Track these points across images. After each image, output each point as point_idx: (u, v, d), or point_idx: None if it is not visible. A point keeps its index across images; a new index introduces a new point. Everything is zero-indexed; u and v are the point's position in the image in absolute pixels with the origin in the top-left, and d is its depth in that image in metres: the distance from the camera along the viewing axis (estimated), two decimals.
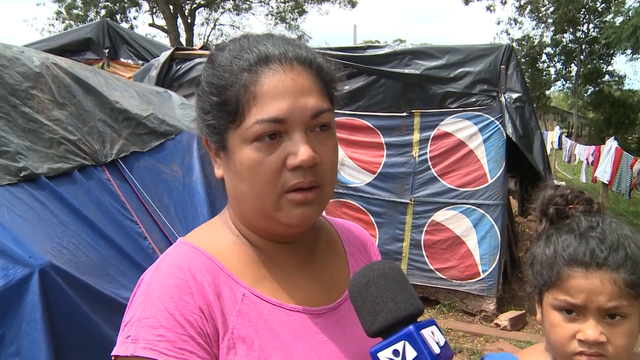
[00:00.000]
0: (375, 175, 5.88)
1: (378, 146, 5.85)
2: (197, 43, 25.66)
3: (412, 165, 5.74)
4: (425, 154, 5.69)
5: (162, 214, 2.96)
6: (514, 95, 5.42)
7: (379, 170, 5.87)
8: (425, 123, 5.69)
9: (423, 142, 5.70)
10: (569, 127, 32.77)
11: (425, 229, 5.72)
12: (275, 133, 0.87)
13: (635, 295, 1.02)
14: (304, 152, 0.86)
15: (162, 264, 0.91)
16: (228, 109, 0.89)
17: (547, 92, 33.79)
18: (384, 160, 5.84)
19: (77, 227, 2.41)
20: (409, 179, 5.76)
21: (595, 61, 29.00)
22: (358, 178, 5.94)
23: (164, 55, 6.28)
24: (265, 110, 0.86)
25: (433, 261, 5.70)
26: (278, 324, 0.91)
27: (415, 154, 5.73)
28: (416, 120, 5.72)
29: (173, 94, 4.00)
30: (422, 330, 0.78)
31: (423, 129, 5.69)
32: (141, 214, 2.88)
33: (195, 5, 28.03)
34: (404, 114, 5.75)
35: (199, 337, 0.84)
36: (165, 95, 3.89)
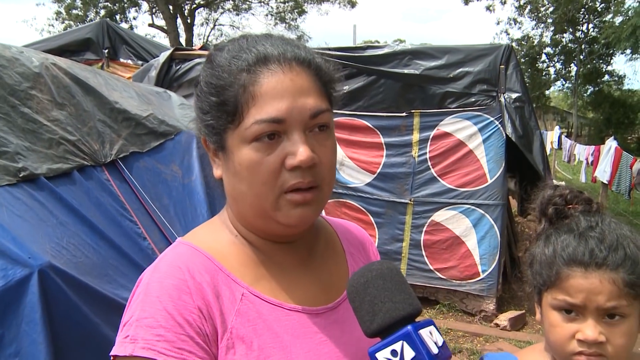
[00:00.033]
0: (375, 175, 5.88)
1: (378, 146, 5.85)
2: (197, 43, 25.65)
3: (412, 165, 5.74)
4: (425, 154, 5.69)
5: (162, 214, 2.95)
6: (514, 95, 5.42)
7: (378, 171, 5.87)
8: (424, 123, 5.68)
9: (423, 142, 5.69)
10: (568, 127, 32.77)
11: (424, 229, 5.72)
12: (274, 133, 0.87)
13: (635, 295, 1.02)
14: (302, 153, 0.86)
15: (161, 263, 0.91)
16: (227, 109, 0.89)
17: (547, 92, 33.81)
18: (383, 160, 5.84)
19: (77, 228, 2.40)
20: (409, 179, 5.76)
21: (594, 61, 29.02)
22: (358, 178, 5.93)
23: (164, 56, 6.28)
24: (264, 111, 0.86)
25: (433, 261, 5.70)
26: (277, 324, 0.91)
27: (415, 154, 5.72)
28: (416, 121, 5.72)
29: (172, 94, 3.99)
30: (420, 331, 0.78)
31: (422, 129, 5.69)
32: (140, 214, 2.87)
33: (194, 6, 28.03)
34: (404, 114, 5.75)
35: (197, 337, 0.83)
36: (164, 95, 3.88)
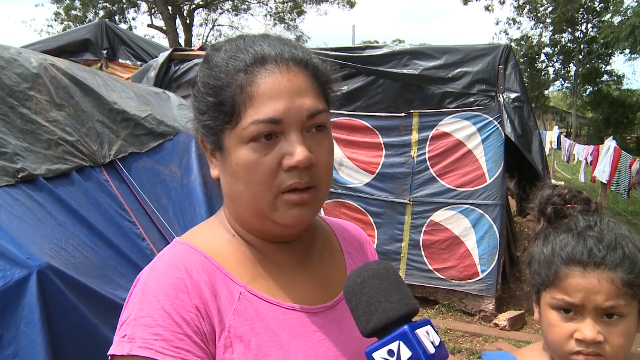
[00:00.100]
0: (374, 175, 5.88)
1: (376, 146, 5.85)
2: (196, 44, 25.69)
3: (411, 165, 5.74)
4: (424, 154, 5.69)
5: (161, 214, 2.95)
6: (513, 95, 5.42)
7: (377, 171, 5.86)
8: (423, 123, 5.68)
9: (421, 142, 5.69)
10: (567, 127, 32.82)
11: (424, 229, 5.72)
12: (272, 133, 0.87)
13: (633, 294, 1.02)
14: (300, 153, 0.86)
15: (158, 263, 0.91)
16: (224, 109, 0.89)
17: (546, 92, 33.86)
18: (382, 160, 5.84)
19: (75, 228, 2.40)
20: (408, 179, 5.76)
21: (593, 61, 29.08)
22: (357, 178, 5.93)
23: (163, 56, 6.27)
24: (261, 111, 0.86)
25: (432, 261, 5.70)
26: (275, 323, 0.91)
27: (414, 154, 5.72)
28: (415, 121, 5.71)
29: (171, 95, 3.99)
30: (417, 330, 0.78)
31: (421, 129, 5.69)
32: (139, 215, 2.87)
33: (193, 6, 28.04)
34: (403, 114, 5.74)
35: (195, 336, 0.84)
36: (163, 96, 3.88)
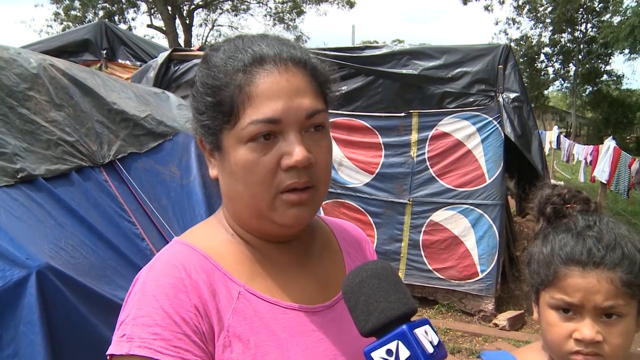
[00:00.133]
0: (374, 175, 5.88)
1: (376, 146, 5.85)
2: (195, 44, 25.69)
3: (410, 165, 5.74)
4: (424, 154, 5.69)
5: (160, 215, 2.95)
6: (512, 95, 5.42)
7: (377, 171, 5.86)
8: (423, 123, 5.68)
9: (421, 142, 5.69)
10: (567, 127, 32.81)
11: (423, 229, 5.72)
12: (270, 133, 0.87)
13: (632, 294, 1.02)
14: (298, 153, 0.86)
15: (157, 262, 0.91)
16: (223, 109, 0.89)
17: (546, 92, 33.87)
18: (382, 160, 5.84)
19: (75, 229, 2.40)
20: (407, 179, 5.76)
21: (593, 61, 29.10)
22: (356, 178, 5.93)
23: (162, 57, 6.27)
24: (260, 111, 0.87)
25: (431, 261, 5.70)
26: (274, 322, 0.91)
27: (414, 154, 5.72)
28: (414, 121, 5.71)
29: (171, 95, 3.98)
30: (416, 330, 0.79)
31: (421, 129, 5.69)
32: (139, 215, 2.87)
33: (193, 6, 28.04)
34: (402, 114, 5.74)
35: (194, 335, 0.84)
36: (163, 96, 3.88)
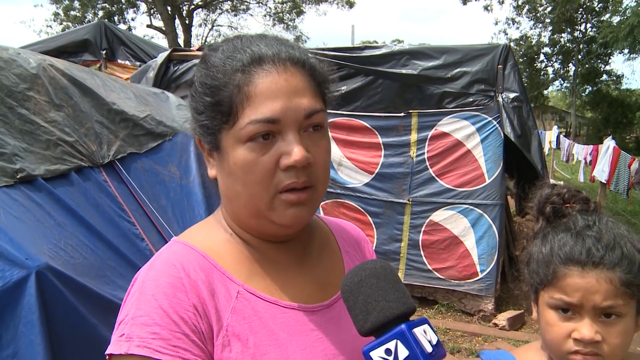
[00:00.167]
0: (373, 175, 5.88)
1: (376, 146, 5.85)
2: (195, 44, 25.69)
3: (410, 165, 5.74)
4: (423, 154, 5.69)
5: (160, 215, 2.95)
6: (512, 95, 5.42)
7: (376, 171, 5.86)
8: (422, 123, 5.68)
9: (421, 142, 5.69)
10: (567, 127, 32.82)
11: (423, 229, 5.72)
12: (269, 133, 0.88)
13: (631, 294, 1.02)
14: (297, 153, 0.86)
15: (156, 262, 0.91)
16: (221, 109, 0.89)
17: (545, 92, 33.88)
18: (381, 160, 5.84)
19: (74, 229, 2.40)
20: (407, 179, 5.76)
21: (592, 61, 29.11)
22: (356, 178, 5.93)
23: (162, 57, 6.27)
24: (258, 111, 0.87)
25: (431, 261, 5.70)
26: (273, 321, 0.91)
27: (413, 154, 5.72)
28: (414, 121, 5.72)
29: (170, 95, 3.98)
30: (415, 329, 0.79)
31: (420, 129, 5.69)
32: (138, 215, 2.87)
33: (193, 7, 28.04)
34: (402, 114, 5.74)
35: (193, 335, 0.84)
36: (162, 96, 3.88)
